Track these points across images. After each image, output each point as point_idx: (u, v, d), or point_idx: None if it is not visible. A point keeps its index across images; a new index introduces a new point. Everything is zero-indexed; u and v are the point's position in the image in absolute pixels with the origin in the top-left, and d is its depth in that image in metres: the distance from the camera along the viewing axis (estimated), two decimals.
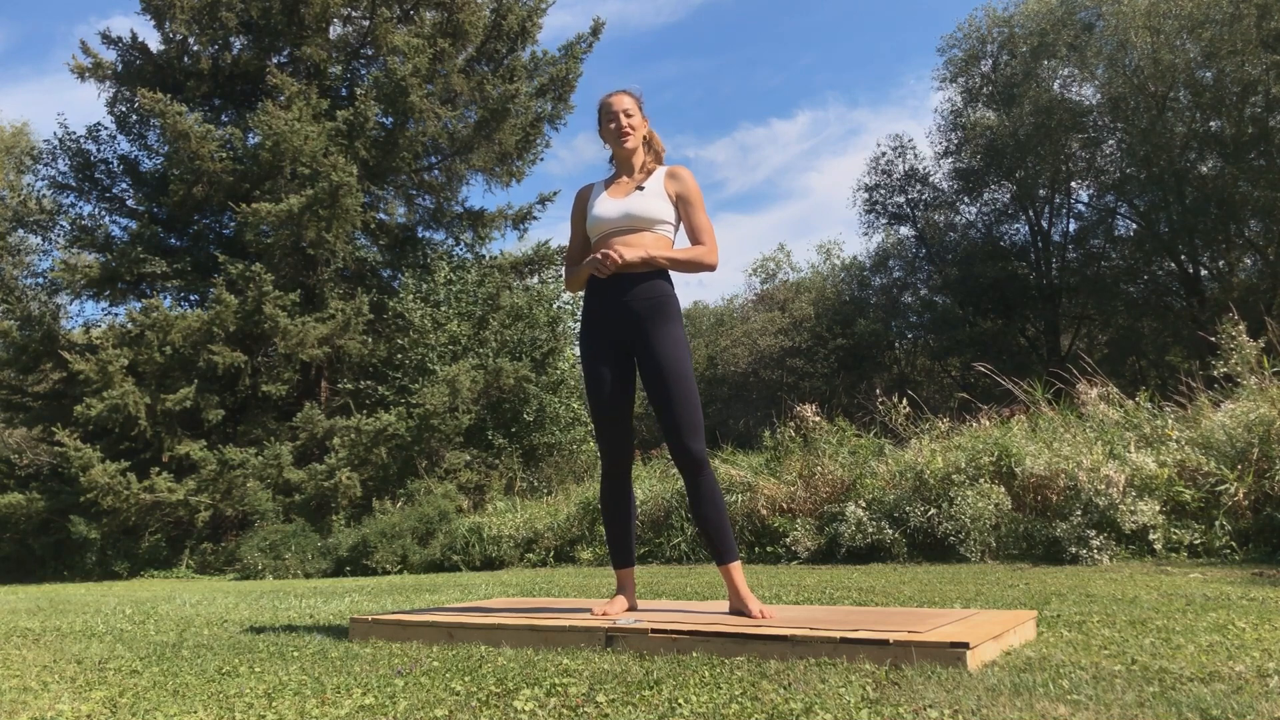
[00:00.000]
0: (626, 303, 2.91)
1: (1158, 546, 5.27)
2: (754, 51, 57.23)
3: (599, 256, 2.87)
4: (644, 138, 3.09)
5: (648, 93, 3.18)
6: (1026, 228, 23.14)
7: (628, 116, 3.03)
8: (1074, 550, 5.31)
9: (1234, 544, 5.17)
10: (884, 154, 24.49)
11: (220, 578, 10.01)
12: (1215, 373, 6.44)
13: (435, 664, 2.44)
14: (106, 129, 13.56)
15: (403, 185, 14.12)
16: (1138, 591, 3.74)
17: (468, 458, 11.77)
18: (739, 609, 2.81)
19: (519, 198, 40.51)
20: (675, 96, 60.74)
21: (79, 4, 43.60)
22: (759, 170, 59.21)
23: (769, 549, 6.75)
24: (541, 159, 14.56)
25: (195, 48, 12.83)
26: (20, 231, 16.45)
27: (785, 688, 1.96)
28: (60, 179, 13.31)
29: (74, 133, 13.38)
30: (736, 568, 2.85)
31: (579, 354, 3.06)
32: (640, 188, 3.01)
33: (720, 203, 58.99)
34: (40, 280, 14.49)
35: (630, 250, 2.89)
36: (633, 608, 3.01)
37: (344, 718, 1.90)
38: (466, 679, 2.21)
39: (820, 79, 57.13)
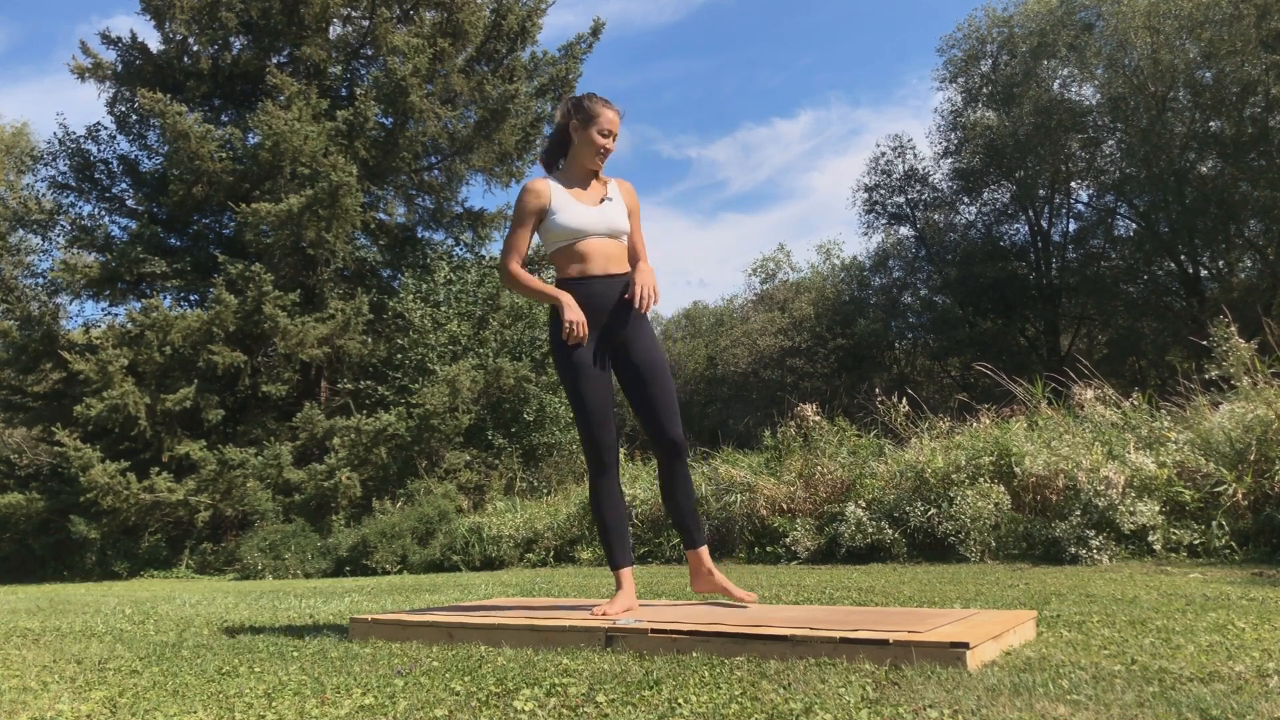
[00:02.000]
0: (619, 303, 3.01)
1: (1157, 547, 5.27)
2: (755, 51, 57.25)
3: (578, 333, 2.92)
4: None
5: (649, 92, 3.29)
6: (1026, 228, 23.15)
7: (614, 138, 3.08)
8: (1074, 550, 5.31)
9: (1234, 544, 5.17)
10: (883, 154, 24.51)
11: (220, 578, 10.01)
12: (1209, 374, 6.45)
13: (435, 664, 2.44)
14: (106, 129, 13.59)
15: (403, 185, 14.12)
16: (1137, 591, 3.75)
17: (468, 458, 11.77)
18: (722, 588, 3.02)
19: None
20: (677, 96, 60.79)
21: (80, 4, 43.64)
22: (760, 170, 59.26)
23: (769, 549, 6.75)
24: None
25: (195, 48, 12.84)
26: (20, 231, 16.45)
27: (785, 688, 1.96)
28: (60, 179, 13.32)
29: (74, 133, 13.42)
30: (706, 550, 3.11)
31: (557, 354, 3.04)
32: (610, 199, 3.10)
33: (721, 203, 59.08)
34: (40, 280, 14.50)
35: (651, 279, 3.02)
36: (631, 607, 3.02)
37: (344, 718, 1.90)
38: (466, 679, 2.21)
39: (822, 79, 57.13)
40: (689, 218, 62.04)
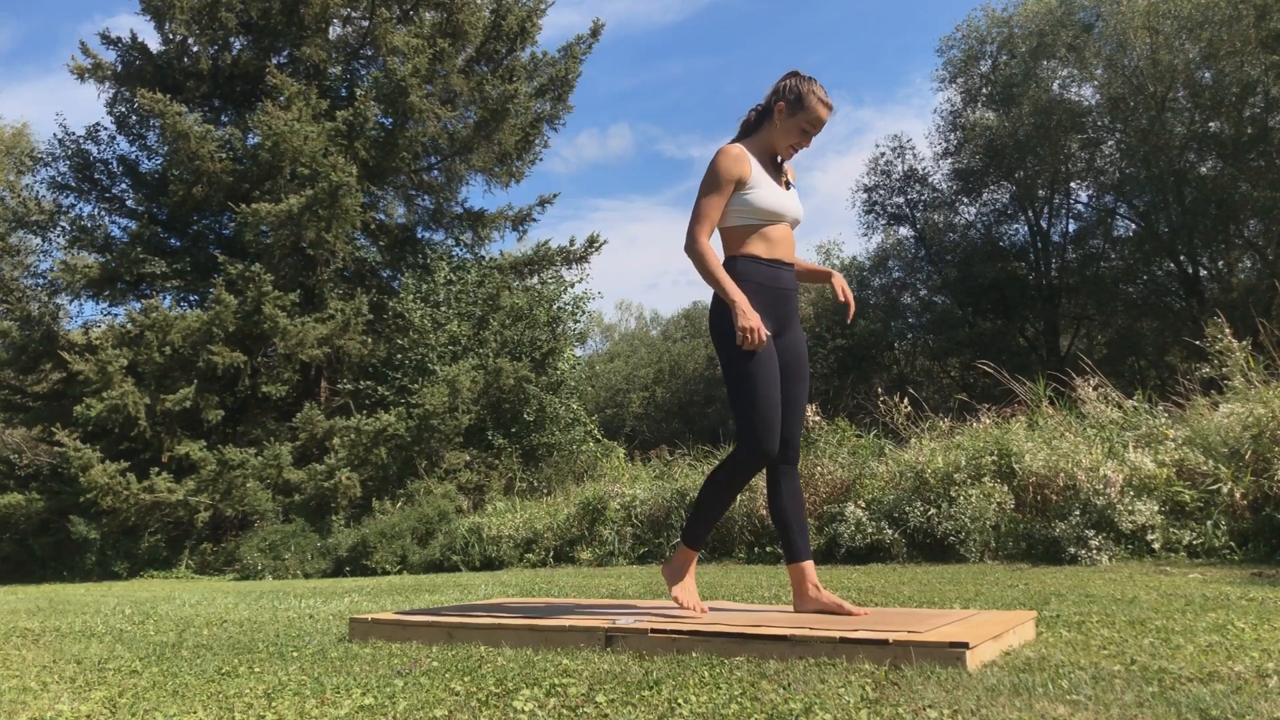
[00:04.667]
0: (793, 293, 2.88)
1: (1156, 546, 5.27)
2: (759, 50, 57.32)
3: (754, 340, 2.63)
4: None
5: (652, 91, 3.16)
6: (1026, 228, 23.16)
7: (812, 137, 2.86)
8: (1073, 550, 5.31)
9: (1233, 544, 5.17)
10: (883, 154, 24.50)
11: (220, 578, 10.01)
12: (1203, 374, 6.47)
13: (435, 664, 2.44)
14: (106, 129, 13.59)
15: (402, 185, 14.12)
16: (1137, 591, 3.75)
17: (467, 458, 11.76)
18: (834, 606, 2.71)
19: (519, 198, 40.54)
20: (681, 95, 60.89)
21: (84, 3, 43.65)
22: None
23: (769, 549, 6.75)
24: (541, 159, 14.59)
25: (195, 48, 12.83)
26: (20, 232, 16.45)
27: (785, 688, 1.96)
28: (60, 180, 13.31)
29: (74, 133, 13.41)
30: (811, 564, 2.84)
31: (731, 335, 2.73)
32: (793, 185, 2.94)
33: None
34: (40, 280, 14.49)
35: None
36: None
37: (344, 718, 1.91)
38: (466, 679, 2.21)
39: (826, 78, 56.54)
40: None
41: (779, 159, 2.91)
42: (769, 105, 2.85)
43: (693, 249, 2.74)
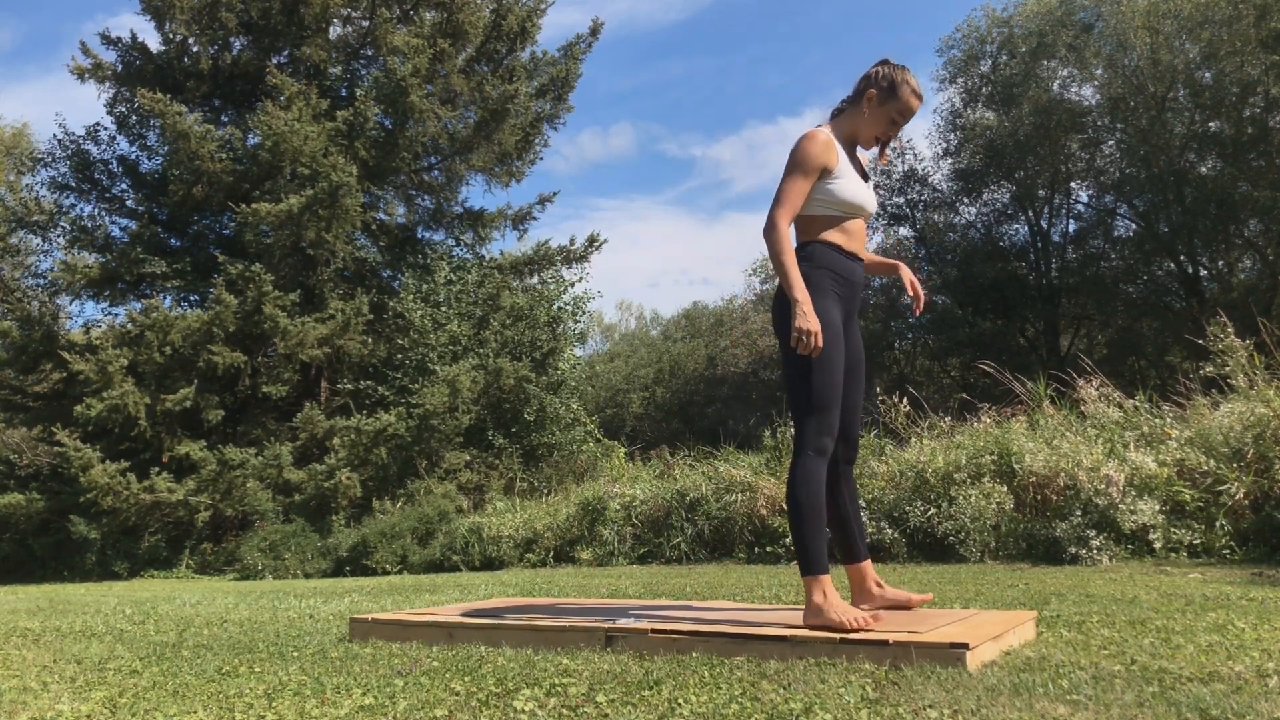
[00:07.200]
0: (862, 285, 2.83)
1: (1157, 546, 5.27)
2: (762, 49, 57.43)
3: (811, 344, 2.51)
4: None
5: (654, 90, 3.13)
6: (1026, 228, 23.15)
7: (900, 128, 2.78)
8: (1073, 550, 5.31)
9: (1233, 544, 5.17)
10: None
11: (220, 578, 10.01)
12: (1204, 373, 6.47)
13: (435, 664, 2.44)
14: (106, 129, 13.60)
15: (402, 185, 14.13)
16: (1137, 591, 3.74)
17: (468, 458, 11.77)
18: (903, 600, 2.79)
19: (519, 198, 40.50)
20: (683, 94, 60.92)
21: (84, 3, 43.66)
22: (766, 169, 59.38)
23: (769, 549, 6.75)
24: (541, 159, 14.60)
25: (195, 48, 12.84)
26: (21, 232, 16.47)
27: (785, 688, 1.96)
28: (60, 180, 13.32)
29: (74, 133, 13.42)
30: (870, 564, 2.86)
31: (827, 310, 2.63)
32: (869, 177, 2.87)
33: (726, 202, 59.15)
34: (40, 281, 14.50)
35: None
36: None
37: (344, 718, 1.91)
38: (466, 679, 2.21)
39: (828, 78, 57.28)
40: (693, 216, 62.22)
41: (860, 148, 2.86)
42: (859, 91, 2.77)
43: (771, 234, 2.62)
